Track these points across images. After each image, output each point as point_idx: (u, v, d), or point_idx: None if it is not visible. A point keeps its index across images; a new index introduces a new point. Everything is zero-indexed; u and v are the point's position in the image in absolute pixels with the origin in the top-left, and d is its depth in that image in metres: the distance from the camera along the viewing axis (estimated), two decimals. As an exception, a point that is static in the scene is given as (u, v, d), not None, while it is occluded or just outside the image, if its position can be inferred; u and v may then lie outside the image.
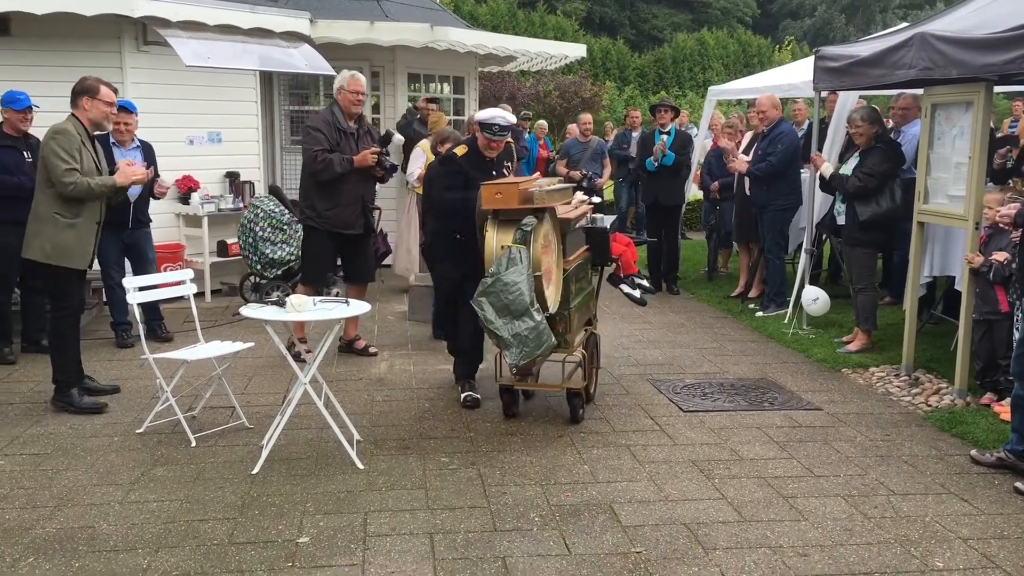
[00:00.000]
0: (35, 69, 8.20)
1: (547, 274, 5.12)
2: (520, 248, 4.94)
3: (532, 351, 4.92)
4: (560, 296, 5.30)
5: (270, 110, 10.98)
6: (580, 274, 5.72)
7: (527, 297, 4.88)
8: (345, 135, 6.68)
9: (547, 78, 20.75)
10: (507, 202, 5.05)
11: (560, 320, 5.31)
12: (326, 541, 3.97)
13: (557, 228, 5.33)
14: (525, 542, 3.98)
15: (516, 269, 4.87)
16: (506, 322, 4.90)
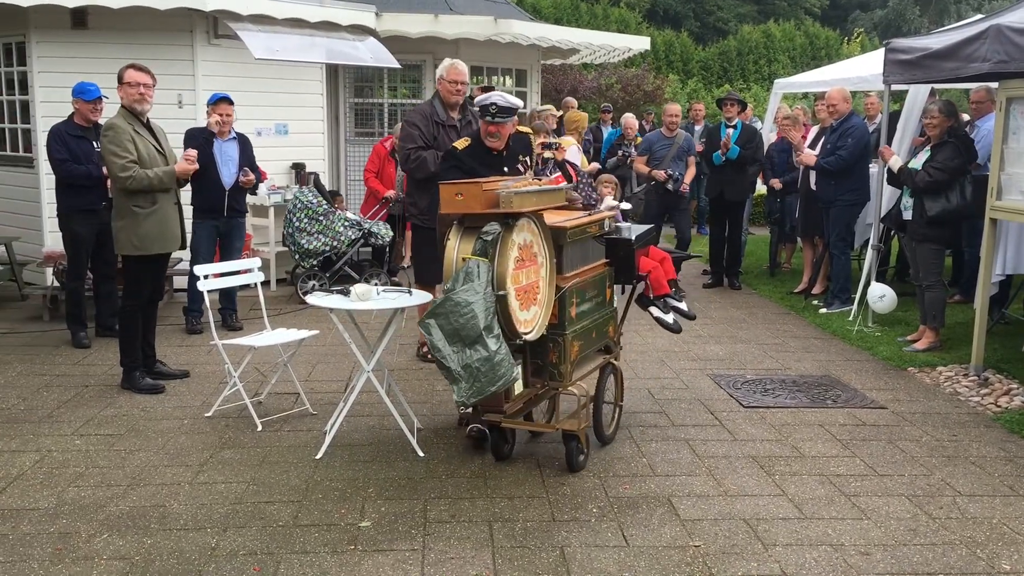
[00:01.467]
0: (111, 62, 8.38)
1: (524, 293, 4.29)
2: (479, 261, 4.10)
3: (483, 387, 4.05)
4: (549, 319, 4.47)
5: (335, 102, 11.13)
6: (589, 293, 4.80)
7: (481, 321, 4.01)
8: (444, 127, 6.29)
9: (609, 71, 20.63)
10: (469, 205, 4.18)
11: (553, 348, 4.53)
12: (387, 526, 4.04)
13: (547, 238, 4.44)
14: (583, 533, 4.00)
15: (471, 287, 4.03)
16: (456, 350, 4.06)
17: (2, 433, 5.17)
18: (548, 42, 11.41)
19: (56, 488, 4.42)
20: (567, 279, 4.57)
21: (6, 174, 9.32)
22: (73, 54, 8.57)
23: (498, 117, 5.13)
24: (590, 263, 4.88)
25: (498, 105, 5.09)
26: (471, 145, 5.27)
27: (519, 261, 4.21)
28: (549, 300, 4.44)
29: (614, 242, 5.10)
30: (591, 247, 4.91)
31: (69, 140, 6.94)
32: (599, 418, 4.97)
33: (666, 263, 5.47)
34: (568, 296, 4.53)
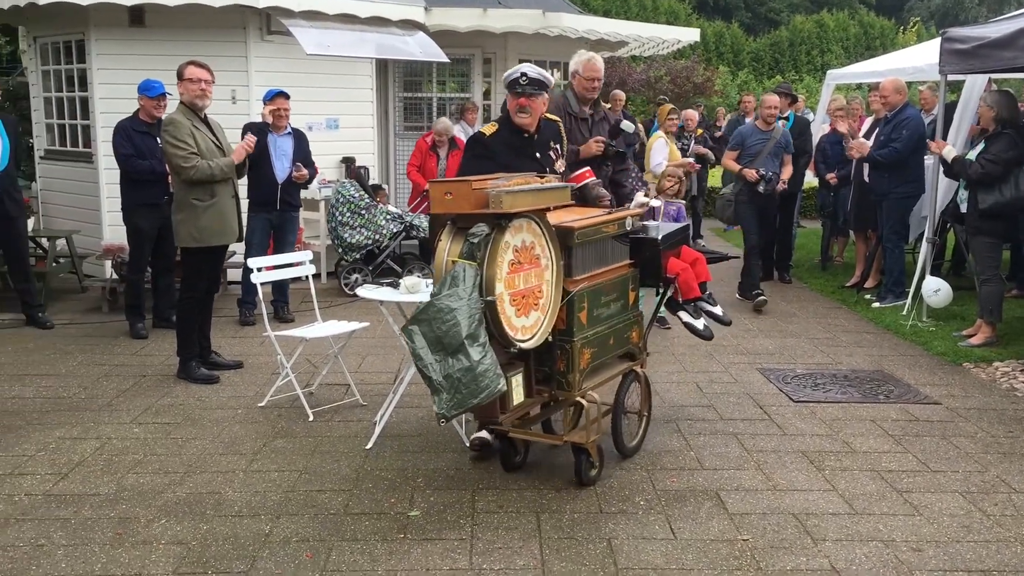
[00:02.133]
0: (167, 59, 8.58)
1: (522, 298, 3.99)
2: (465, 265, 3.78)
3: (465, 399, 3.75)
4: (555, 325, 4.20)
5: (384, 97, 11.23)
6: (605, 297, 4.50)
7: (464, 328, 3.71)
8: (577, 121, 5.90)
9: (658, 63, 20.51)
10: (457, 205, 3.88)
11: (560, 355, 4.26)
12: (436, 515, 4.10)
13: (552, 239, 4.13)
14: (630, 525, 4.02)
15: (455, 292, 3.73)
16: (439, 359, 3.76)
17: (64, 421, 5.33)
18: (597, 35, 11.38)
19: (116, 474, 4.55)
20: (577, 282, 4.26)
21: (67, 169, 9.56)
22: (131, 51, 8.77)
23: (529, 88, 4.67)
24: (608, 264, 4.54)
25: (528, 76, 4.64)
26: (499, 130, 4.82)
27: (515, 264, 3.92)
28: (555, 305, 4.15)
29: (639, 242, 4.75)
30: (610, 248, 4.56)
31: (134, 136, 7.11)
32: (618, 429, 4.67)
33: (699, 265, 5.07)
34: (577, 300, 4.24)
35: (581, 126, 5.92)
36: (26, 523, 4.01)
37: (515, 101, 4.72)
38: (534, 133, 4.84)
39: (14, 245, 7.62)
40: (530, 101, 4.70)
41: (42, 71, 9.68)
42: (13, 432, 5.13)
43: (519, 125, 4.76)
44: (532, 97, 4.69)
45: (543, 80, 4.71)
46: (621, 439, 4.71)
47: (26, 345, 7.06)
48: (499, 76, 11.38)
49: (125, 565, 3.65)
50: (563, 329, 4.25)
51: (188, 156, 5.80)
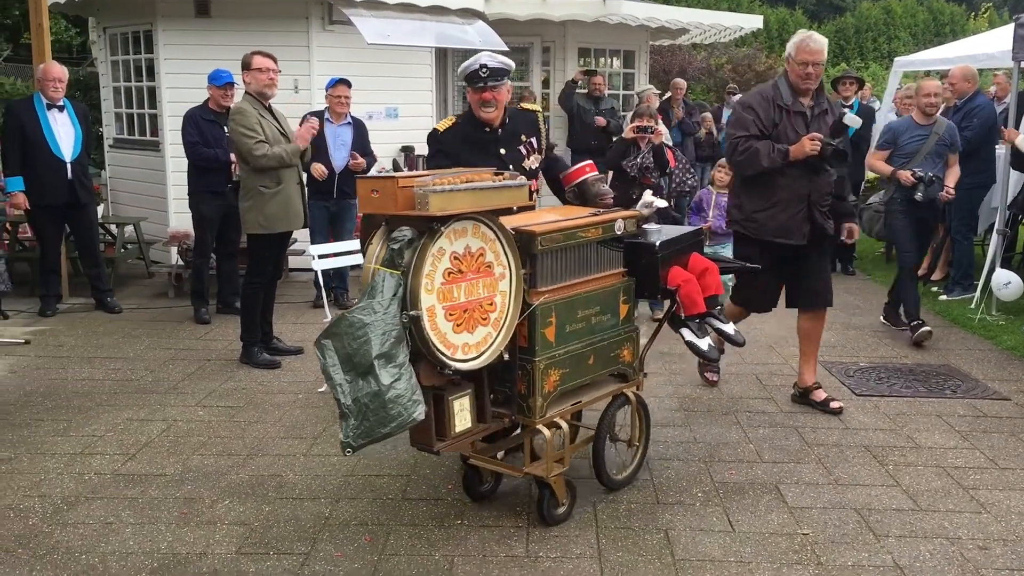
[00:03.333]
0: (231, 48, 8.73)
1: (463, 312, 3.50)
2: (386, 273, 3.35)
3: (372, 427, 3.32)
4: (508, 343, 3.66)
5: (443, 85, 11.27)
6: (584, 310, 3.92)
7: (374, 347, 3.26)
8: (790, 114, 5.04)
9: (719, 51, 20.24)
10: (384, 205, 3.44)
11: (521, 376, 3.73)
12: (494, 503, 4.11)
13: (510, 245, 3.61)
14: (688, 516, 3.99)
15: (369, 305, 3.29)
16: (350, 380, 3.34)
17: (132, 403, 5.47)
18: (657, 22, 11.27)
19: (181, 456, 4.66)
20: (541, 293, 3.75)
21: (135, 157, 9.79)
22: (196, 42, 8.92)
23: (491, 80, 4.17)
24: (591, 274, 3.98)
25: (489, 66, 4.15)
26: (457, 124, 4.37)
27: (454, 274, 3.45)
28: (512, 319, 3.64)
29: (635, 248, 4.17)
30: (594, 254, 3.99)
31: (202, 124, 7.25)
32: (600, 458, 4.13)
33: (709, 276, 4.37)
34: (542, 314, 3.71)
35: (795, 121, 5.03)
36: (96, 501, 4.13)
37: (477, 95, 4.24)
38: (498, 127, 4.35)
39: (85, 231, 7.83)
40: (494, 93, 4.23)
41: (111, 61, 9.91)
42: (84, 413, 5.28)
43: (484, 119, 4.30)
44: (495, 89, 4.22)
45: (505, 68, 4.25)
46: (603, 470, 4.15)
47: (96, 329, 7.25)
48: (558, 65, 11.36)
49: (190, 544, 3.74)
50: (524, 347, 3.73)
51: (258, 144, 5.89)
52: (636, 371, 4.30)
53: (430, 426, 3.52)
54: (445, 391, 3.56)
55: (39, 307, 7.65)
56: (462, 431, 3.63)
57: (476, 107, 4.28)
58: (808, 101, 5.09)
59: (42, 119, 7.33)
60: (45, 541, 3.75)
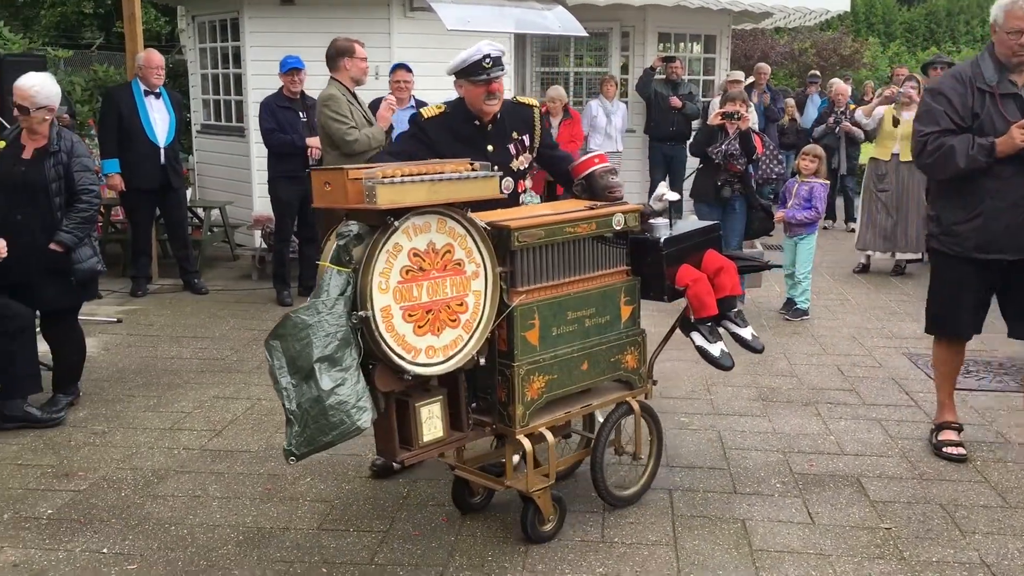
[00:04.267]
0: (314, 36, 8.88)
1: (425, 313, 3.20)
2: (333, 271, 3.09)
3: (314, 435, 3.07)
4: (482, 346, 3.35)
5: (522, 71, 11.27)
6: (575, 311, 3.61)
7: (316, 350, 3.03)
8: (997, 98, 4.10)
9: (803, 35, 19.79)
10: (336, 198, 3.17)
11: (501, 382, 3.46)
12: (569, 487, 4.12)
13: (484, 241, 3.33)
14: (765, 507, 3.94)
15: (314, 304, 3.05)
16: (295, 383, 3.09)
17: (218, 381, 5.64)
18: (740, 6, 11.08)
19: (264, 433, 4.79)
20: (521, 293, 3.45)
21: (221, 143, 10.04)
22: (280, 29, 9.09)
23: (495, 70, 3.83)
24: (585, 272, 3.67)
25: (491, 56, 3.81)
26: (445, 114, 3.98)
27: (414, 272, 3.17)
28: (487, 321, 3.35)
29: (640, 245, 3.87)
30: (589, 251, 3.68)
31: (277, 111, 7.40)
32: (598, 471, 3.80)
33: (725, 275, 4.01)
34: (522, 316, 3.42)
35: (1004, 105, 4.08)
36: (184, 475, 4.28)
37: (482, 88, 3.84)
38: (489, 122, 3.98)
39: (175, 214, 8.07)
40: (499, 85, 3.87)
41: (199, 49, 10.17)
42: (172, 390, 5.47)
43: (486, 113, 3.93)
44: (499, 80, 3.86)
45: (503, 55, 3.92)
46: (602, 484, 3.82)
47: (183, 309, 7.49)
48: (637, 50, 11.26)
49: (274, 519, 3.84)
50: (504, 351, 3.45)
51: (350, 129, 6.00)
52: (643, 379, 3.95)
53: (393, 434, 3.24)
54: (410, 397, 3.26)
55: (130, 288, 7.92)
56: (432, 440, 3.33)
57: (478, 100, 3.88)
58: (1022, 80, 4.10)
59: (139, 105, 7.58)
60: (136, 512, 3.90)
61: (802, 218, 7.02)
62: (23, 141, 4.84)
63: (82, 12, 18.32)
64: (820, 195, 7.04)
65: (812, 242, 7.13)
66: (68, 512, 3.88)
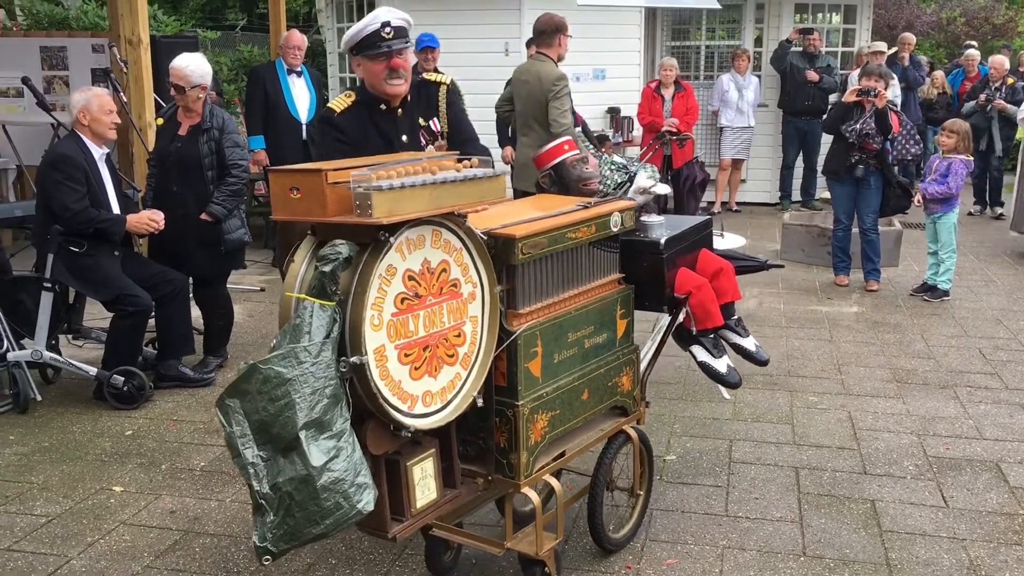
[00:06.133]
0: (448, 13, 9.06)
1: (423, 351, 2.58)
2: (315, 305, 2.38)
3: (298, 527, 2.39)
4: (482, 383, 2.75)
5: (652, 46, 11.15)
6: (575, 332, 3.04)
7: (301, 413, 2.33)
8: None
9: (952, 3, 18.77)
10: (308, 208, 2.46)
11: (500, 425, 2.84)
12: (692, 462, 4.15)
13: (482, 254, 2.72)
14: (897, 489, 3.86)
15: (293, 352, 2.34)
16: (266, 457, 2.38)
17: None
18: (882, -26, 10.62)
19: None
20: (524, 316, 2.85)
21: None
22: (412, 7, 9.21)
23: (397, 42, 3.16)
24: (582, 284, 3.09)
25: (392, 25, 3.15)
26: (357, 102, 3.31)
27: (409, 300, 2.53)
28: (487, 353, 2.75)
29: (634, 248, 3.31)
30: (585, 259, 3.10)
31: None
32: (596, 518, 3.29)
33: (723, 278, 3.54)
34: (525, 344, 2.82)
35: None
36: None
37: (382, 64, 3.18)
38: (398, 106, 3.32)
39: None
40: (402, 60, 3.20)
41: (336, 29, 10.50)
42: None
43: (389, 94, 3.27)
44: (402, 53, 3.19)
45: (408, 25, 3.25)
46: (601, 529, 3.31)
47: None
48: (772, 23, 10.96)
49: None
50: (503, 386, 2.83)
51: (567, 112, 5.93)
52: (636, 402, 3.43)
53: (383, 504, 2.60)
54: (400, 455, 2.65)
55: (272, 258, 8.32)
56: (426, 505, 2.72)
57: (378, 80, 3.22)
58: None
59: (283, 83, 7.91)
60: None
61: (935, 192, 6.73)
62: (179, 118, 5.16)
63: (228, -6, 19.15)
64: (958, 172, 6.72)
65: (951, 220, 6.82)
66: (219, 465, 4.16)
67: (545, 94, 5.69)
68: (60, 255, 4.73)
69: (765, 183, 10.93)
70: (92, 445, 4.37)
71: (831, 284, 7.23)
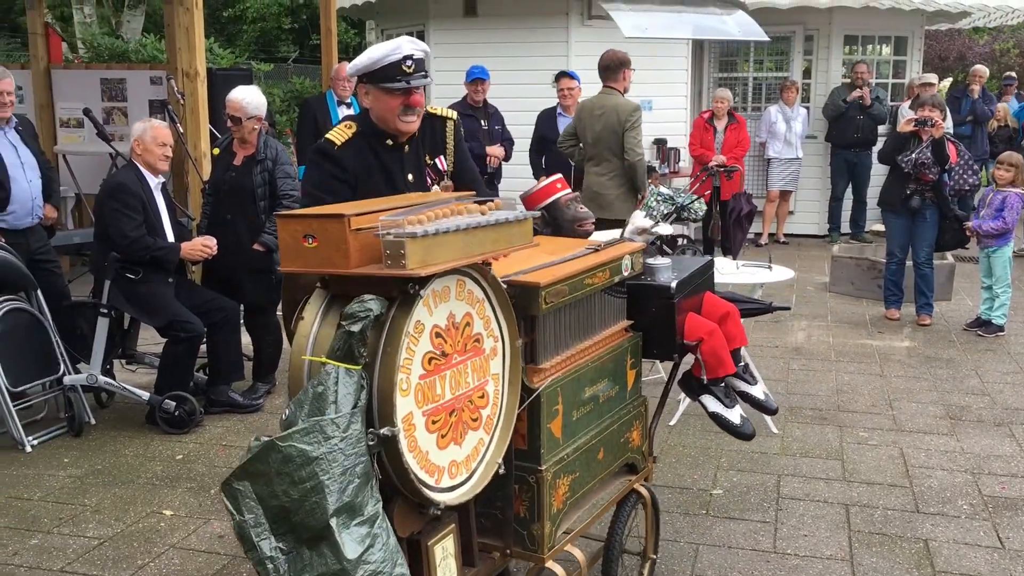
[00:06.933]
0: (495, 46, 9.18)
1: (449, 415, 2.31)
2: (340, 371, 2.09)
3: None
4: (507, 447, 2.49)
5: (699, 77, 11.16)
6: (592, 386, 2.82)
7: (331, 498, 2.03)
8: None
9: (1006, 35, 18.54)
10: (327, 258, 2.18)
11: (520, 493, 2.58)
12: (739, 496, 4.10)
13: (504, 305, 2.45)
14: (951, 528, 3.78)
15: (318, 426, 2.04)
16: (288, 550, 2.09)
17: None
18: (935, 5, 10.54)
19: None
20: (546, 371, 2.61)
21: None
22: (462, 40, 9.43)
23: (417, 77, 2.94)
24: (596, 333, 2.87)
25: (414, 59, 2.92)
26: (358, 133, 3.02)
27: (436, 359, 2.26)
28: (509, 413, 2.48)
29: (642, 292, 3.08)
30: (599, 305, 2.89)
31: (461, 119, 7.67)
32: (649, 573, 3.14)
33: (730, 323, 3.33)
34: (547, 401, 2.58)
35: None
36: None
37: (398, 99, 2.94)
38: (405, 142, 3.09)
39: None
40: (421, 96, 2.98)
41: (387, 61, 10.68)
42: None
43: (400, 131, 3.04)
44: (421, 89, 2.98)
45: (427, 57, 3.06)
46: None
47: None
48: (821, 54, 10.91)
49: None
50: (523, 450, 2.59)
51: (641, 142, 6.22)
52: (645, 457, 3.21)
53: None
54: (421, 534, 2.38)
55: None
56: None
57: (391, 115, 2.98)
58: None
59: (332, 114, 8.04)
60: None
61: (989, 228, 6.62)
62: (234, 149, 5.27)
63: (280, 27, 19.59)
64: (1014, 206, 6.61)
65: (1006, 255, 6.70)
66: (266, 490, 4.20)
67: (622, 124, 6.06)
68: (116, 282, 4.85)
69: (813, 215, 10.84)
70: (144, 469, 4.44)
71: (881, 318, 7.13)
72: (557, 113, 7.80)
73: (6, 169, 5.02)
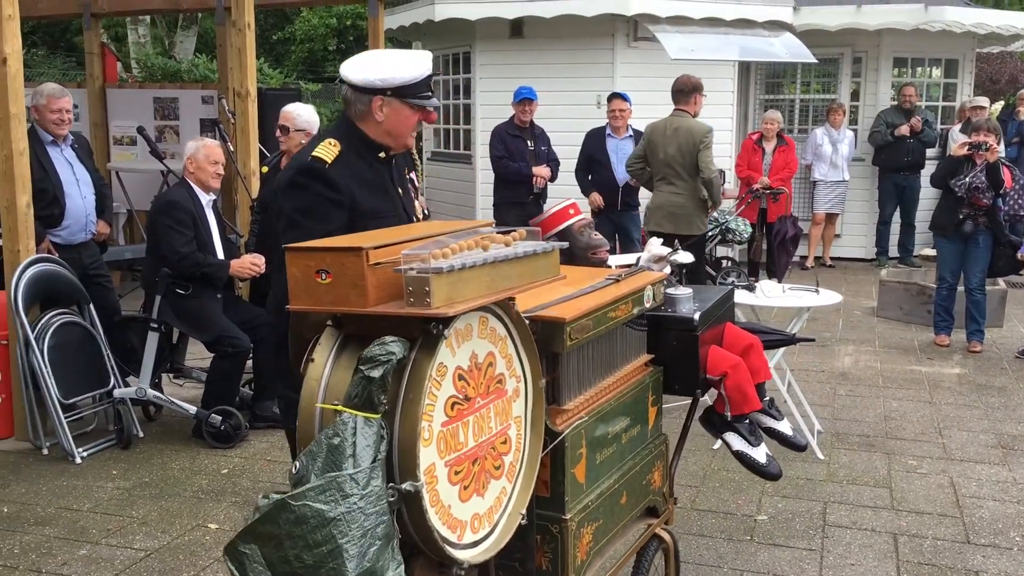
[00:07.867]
0: (540, 67, 9.22)
1: (472, 464, 2.10)
2: (359, 419, 1.88)
3: None
4: (531, 490, 2.28)
5: (745, 99, 11.11)
6: (615, 426, 2.62)
7: (351, 562, 1.80)
8: None
9: (1059, 57, 18.21)
10: (341, 297, 1.99)
11: (543, 543, 2.39)
12: (784, 523, 4.04)
13: (527, 343, 2.25)
14: (1003, 560, 3.69)
15: (335, 483, 1.83)
16: None
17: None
18: (986, 28, 10.40)
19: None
20: (570, 412, 2.42)
21: (449, 169, 10.58)
22: (508, 61, 9.49)
23: (433, 96, 2.88)
24: (618, 370, 2.69)
25: (431, 74, 2.84)
26: (345, 152, 2.80)
27: (459, 403, 2.05)
28: (532, 459, 2.28)
29: (663, 324, 2.90)
30: (620, 340, 2.71)
31: (507, 139, 7.72)
32: None
33: (754, 355, 3.15)
34: (572, 445, 2.38)
35: None
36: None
37: (418, 115, 2.83)
38: (391, 155, 2.93)
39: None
40: (433, 115, 2.90)
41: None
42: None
43: (405, 147, 2.94)
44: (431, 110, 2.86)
45: None
46: None
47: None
48: (870, 76, 10.81)
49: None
50: (546, 497, 2.37)
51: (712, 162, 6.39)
52: (666, 499, 3.01)
53: None
54: None
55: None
56: None
57: (406, 129, 2.86)
58: None
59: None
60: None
61: None
62: (282, 167, 5.35)
63: (327, 48, 19.90)
64: None
65: None
66: (308, 506, 4.22)
67: (696, 145, 6.29)
68: (167, 297, 4.93)
69: (860, 238, 10.70)
70: (190, 482, 4.50)
71: (931, 344, 7.01)
72: (606, 134, 7.81)
73: (62, 185, 5.16)
